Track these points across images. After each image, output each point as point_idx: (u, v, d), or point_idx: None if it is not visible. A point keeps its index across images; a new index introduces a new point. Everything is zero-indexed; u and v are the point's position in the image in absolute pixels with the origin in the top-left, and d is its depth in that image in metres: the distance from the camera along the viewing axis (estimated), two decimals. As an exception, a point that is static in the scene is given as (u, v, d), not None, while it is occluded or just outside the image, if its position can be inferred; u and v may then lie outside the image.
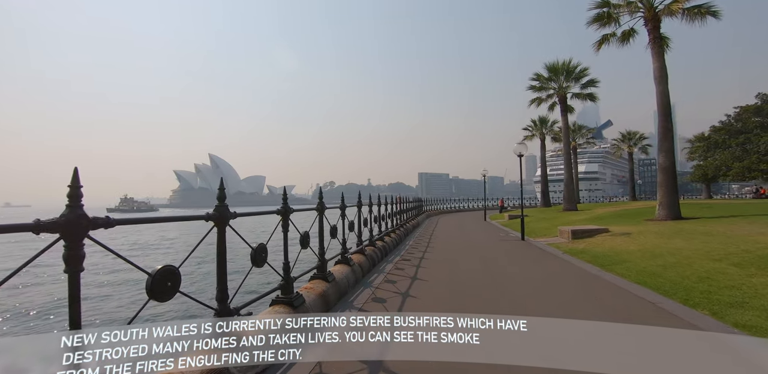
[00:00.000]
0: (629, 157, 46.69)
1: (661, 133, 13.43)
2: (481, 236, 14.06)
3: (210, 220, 2.80)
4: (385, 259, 8.74)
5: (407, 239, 13.04)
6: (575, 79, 22.84)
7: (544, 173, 33.53)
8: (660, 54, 13.57)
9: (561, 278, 6.86)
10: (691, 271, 6.52)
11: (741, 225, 10.37)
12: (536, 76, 23.82)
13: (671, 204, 12.97)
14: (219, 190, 2.93)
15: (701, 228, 10.41)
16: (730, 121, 32.79)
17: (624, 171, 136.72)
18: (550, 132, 33.07)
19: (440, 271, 7.28)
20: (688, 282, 5.89)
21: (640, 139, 45.70)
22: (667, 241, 9.31)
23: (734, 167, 28.62)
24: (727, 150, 31.22)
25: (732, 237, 8.73)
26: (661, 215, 13.03)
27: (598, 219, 16.38)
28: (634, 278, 6.52)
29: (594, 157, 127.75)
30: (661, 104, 13.46)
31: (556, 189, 72.59)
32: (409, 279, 6.53)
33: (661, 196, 13.19)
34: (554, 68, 22.97)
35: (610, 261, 8.08)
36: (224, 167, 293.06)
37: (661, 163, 13.35)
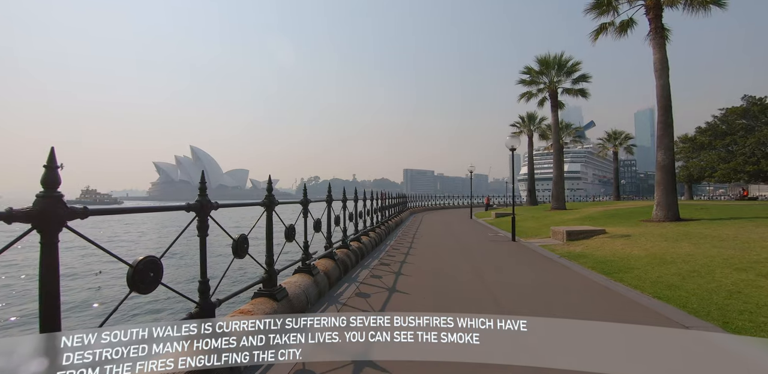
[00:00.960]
0: (614, 156, 46.60)
1: (661, 128, 12.62)
2: (469, 236, 13.07)
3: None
4: (361, 264, 7.61)
5: (388, 239, 11.94)
6: (567, 73, 21.95)
7: (531, 171, 32.90)
8: (661, 45, 12.73)
9: (565, 289, 5.86)
10: (716, 284, 5.59)
11: (749, 228, 9.59)
12: (527, 70, 22.87)
13: (670, 205, 12.20)
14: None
15: (707, 232, 9.60)
16: (715, 123, 32.69)
17: (605, 171, 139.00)
18: (537, 129, 32.39)
19: (423, 279, 6.21)
20: (717, 298, 4.94)
21: (625, 138, 45.61)
22: (674, 245, 8.44)
23: (720, 168, 28.46)
24: (712, 151, 31.09)
25: (747, 243, 7.89)
26: (659, 216, 12.25)
27: (589, 219, 15.59)
28: (650, 290, 5.56)
29: (576, 157, 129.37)
30: (661, 98, 12.64)
31: (540, 187, 72.47)
32: (387, 291, 5.42)
33: (659, 196, 12.40)
34: (546, 61, 22.05)
35: (616, 267, 7.13)
36: (206, 160, 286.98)
37: (659, 161, 12.55)
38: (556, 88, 22.39)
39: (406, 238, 11.87)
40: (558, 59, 21.95)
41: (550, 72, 22.41)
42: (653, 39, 12.80)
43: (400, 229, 15.16)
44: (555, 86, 22.39)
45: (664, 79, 12.66)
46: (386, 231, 12.79)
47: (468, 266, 7.50)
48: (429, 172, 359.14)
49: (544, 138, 33.76)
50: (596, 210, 19.06)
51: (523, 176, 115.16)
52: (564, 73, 21.98)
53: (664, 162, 12.47)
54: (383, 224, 13.30)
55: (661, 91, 12.67)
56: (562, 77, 22.07)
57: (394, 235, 12.88)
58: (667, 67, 12.68)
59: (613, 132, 46.33)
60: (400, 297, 5.17)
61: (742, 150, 27.71)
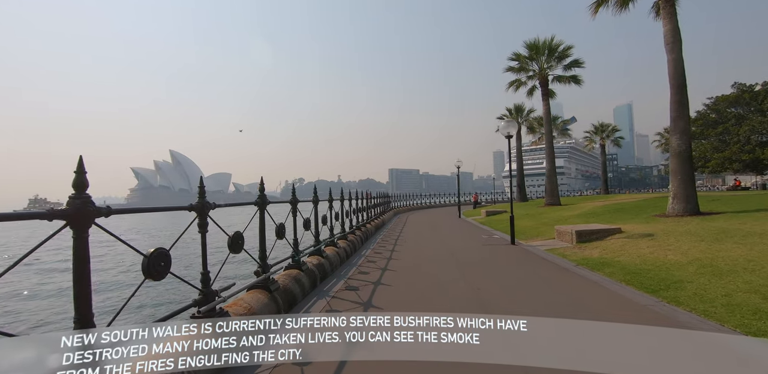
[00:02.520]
0: (602, 149, 45.60)
1: (675, 109, 11.01)
2: (460, 240, 11.23)
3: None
4: (326, 282, 5.66)
5: (363, 249, 10.02)
6: (558, 58, 20.30)
7: (520, 165, 31.38)
8: (672, 14, 11.13)
9: (606, 320, 4.03)
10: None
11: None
12: (515, 56, 21.13)
13: (689, 197, 10.59)
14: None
15: (746, 228, 7.96)
16: (706, 112, 31.72)
17: (587, 166, 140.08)
18: (526, 121, 30.89)
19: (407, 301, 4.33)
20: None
21: (612, 131, 44.69)
22: (718, 247, 6.75)
23: (714, 158, 27.42)
24: (705, 140, 30.07)
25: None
26: (677, 210, 10.63)
27: (591, 215, 13.93)
28: (733, 321, 3.78)
29: (560, 152, 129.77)
30: (674, 75, 11.03)
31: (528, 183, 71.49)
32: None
33: (676, 187, 10.79)
34: (535, 46, 20.35)
35: (658, 281, 5.38)
36: (186, 164, 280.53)
37: (675, 147, 10.93)
38: (546, 75, 20.74)
39: (386, 245, 9.98)
40: (548, 44, 20.27)
41: (540, 58, 20.75)
42: (663, 8, 11.19)
43: (381, 233, 13.25)
44: (546, 73, 20.74)
45: (676, 53, 11.05)
46: (364, 235, 10.89)
47: (463, 284, 5.62)
48: (414, 171, 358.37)
49: (533, 131, 32.35)
50: (595, 205, 17.47)
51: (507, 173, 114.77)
52: (555, 58, 20.31)
53: (680, 147, 10.85)
54: (361, 227, 11.39)
55: (673, 67, 11.06)
56: (553, 62, 20.39)
57: (372, 241, 10.96)
58: (680, 40, 11.07)
59: (600, 124, 45.38)
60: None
61: (736, 138, 26.72)
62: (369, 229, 12.14)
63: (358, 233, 10.31)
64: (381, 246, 9.83)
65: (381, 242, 10.64)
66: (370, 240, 11.36)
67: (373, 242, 10.74)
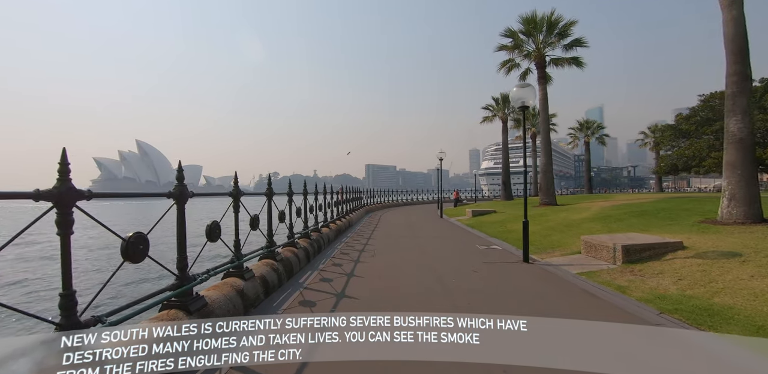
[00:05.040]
0: (586, 146, 43.92)
1: (734, 83, 8.37)
2: (450, 253, 8.23)
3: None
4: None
5: (317, 261, 6.87)
6: (558, 35, 17.59)
7: (505, 161, 28.87)
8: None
9: None
10: None
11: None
12: (509, 32, 18.20)
13: (751, 198, 7.97)
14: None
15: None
16: (698, 109, 30.03)
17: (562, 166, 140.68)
18: (513, 113, 28.32)
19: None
20: None
21: (597, 128, 43.03)
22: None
23: (711, 157, 25.67)
24: (700, 139, 28.33)
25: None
26: (735, 214, 8.00)
27: (609, 219, 11.20)
28: None
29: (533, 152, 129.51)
30: (733, 37, 8.37)
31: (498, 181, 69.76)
32: None
33: (734, 185, 8.15)
34: (532, 20, 17.48)
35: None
36: (154, 155, 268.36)
37: (733, 132, 8.29)
38: (544, 54, 18.02)
39: (347, 257, 6.86)
40: (548, 19, 17.49)
41: (537, 35, 17.97)
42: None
43: (344, 238, 10.13)
44: (543, 53, 18.00)
45: (737, 10, 8.39)
46: (324, 240, 7.75)
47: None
48: (391, 168, 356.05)
49: (520, 125, 29.81)
50: (601, 205, 14.85)
51: (489, 169, 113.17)
52: (555, 35, 17.59)
53: (741, 133, 8.20)
54: (320, 230, 8.26)
55: (733, 28, 8.39)
56: (553, 39, 17.67)
57: (328, 254, 7.82)
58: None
59: (585, 121, 43.72)
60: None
61: (733, 137, 24.98)
62: (325, 236, 8.98)
63: (306, 243, 7.18)
64: (339, 259, 6.70)
65: (340, 254, 7.51)
66: (323, 252, 8.22)
67: (329, 255, 7.60)
